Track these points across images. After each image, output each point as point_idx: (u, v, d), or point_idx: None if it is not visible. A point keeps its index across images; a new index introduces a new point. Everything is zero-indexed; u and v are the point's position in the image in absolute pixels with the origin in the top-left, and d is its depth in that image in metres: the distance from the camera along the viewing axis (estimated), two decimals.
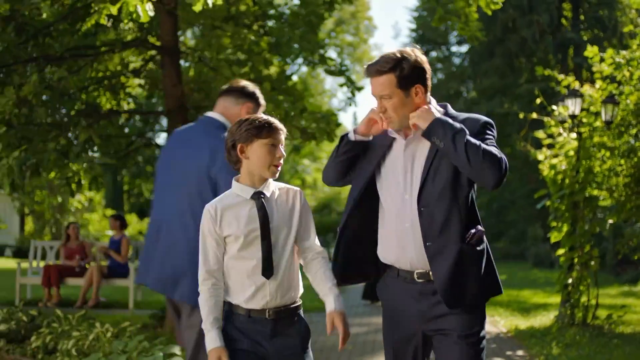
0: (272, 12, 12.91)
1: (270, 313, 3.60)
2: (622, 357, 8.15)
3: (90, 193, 30.88)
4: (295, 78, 17.85)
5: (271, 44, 12.36)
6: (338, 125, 11.90)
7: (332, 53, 45.38)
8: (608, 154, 11.59)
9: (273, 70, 12.40)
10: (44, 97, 8.74)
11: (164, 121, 14.11)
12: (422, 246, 3.55)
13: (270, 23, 12.87)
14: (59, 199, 25.85)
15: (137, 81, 12.02)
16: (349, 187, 6.13)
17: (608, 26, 30.86)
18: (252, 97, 4.87)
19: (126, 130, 12.63)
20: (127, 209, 44.00)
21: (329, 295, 3.72)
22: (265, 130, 3.58)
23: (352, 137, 3.74)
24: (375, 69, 3.58)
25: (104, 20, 6.27)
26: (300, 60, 16.01)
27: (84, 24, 7.40)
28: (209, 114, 4.92)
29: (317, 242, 3.86)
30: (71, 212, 31.52)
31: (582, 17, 33.11)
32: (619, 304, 13.21)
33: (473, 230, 3.62)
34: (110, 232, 30.27)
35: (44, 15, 6.26)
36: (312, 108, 12.21)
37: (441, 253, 3.53)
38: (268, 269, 3.58)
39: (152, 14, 5.99)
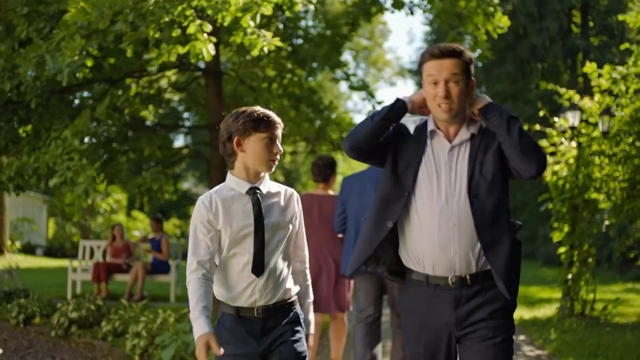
0: (299, 32, 14.12)
1: (259, 311, 3.56)
2: (609, 341, 9.31)
3: (118, 196, 32.23)
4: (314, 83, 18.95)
5: (297, 60, 13.58)
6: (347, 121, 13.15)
7: (346, 56, 46.21)
8: (607, 160, 12.73)
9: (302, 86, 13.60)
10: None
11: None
12: (468, 246, 3.50)
13: (298, 42, 14.09)
14: (89, 201, 27.14)
15: (176, 96, 13.30)
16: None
17: (616, 33, 31.82)
18: None
19: (177, 142, 13.87)
20: (148, 210, 45.18)
21: (309, 312, 3.84)
22: (264, 124, 3.52)
23: (409, 105, 3.65)
24: (449, 50, 3.53)
25: (172, 58, 7.56)
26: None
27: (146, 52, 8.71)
28: None
29: (305, 254, 3.85)
30: (100, 214, 32.76)
31: (591, 24, 34.11)
32: (617, 298, 14.33)
33: (519, 222, 3.67)
34: (137, 233, 31.65)
35: (128, 54, 7.47)
36: (337, 120, 13.42)
37: (497, 243, 3.51)
38: (258, 267, 3.54)
39: (213, 53, 7.26)
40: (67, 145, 8.30)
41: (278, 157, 3.58)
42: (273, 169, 3.60)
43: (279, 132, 3.58)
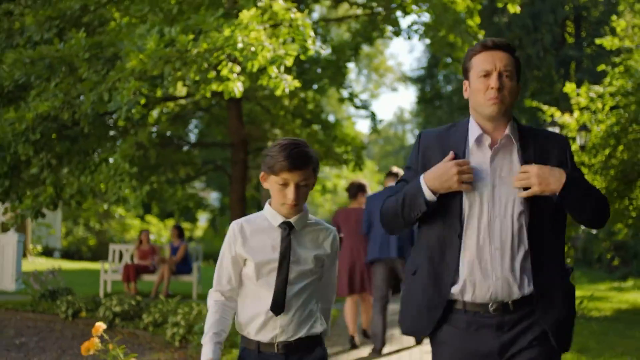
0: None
1: (279, 347, 3.38)
2: (577, 330, 10.82)
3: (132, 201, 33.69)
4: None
5: (305, 81, 15.12)
6: (363, 147, 14.71)
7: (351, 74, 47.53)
8: (586, 170, 14.24)
9: (310, 105, 15.18)
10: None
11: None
12: (507, 271, 3.21)
13: (306, 65, 15.65)
14: (105, 207, 28.66)
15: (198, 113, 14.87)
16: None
17: (620, 36, 33.27)
18: None
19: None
20: (156, 213, 46.67)
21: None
22: (278, 167, 3.30)
23: (430, 197, 3.28)
24: (502, 43, 3.33)
25: (208, 94, 9.13)
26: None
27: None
28: None
29: (331, 295, 3.67)
30: (115, 219, 34.28)
31: (583, 34, 35.62)
32: (600, 296, 15.85)
33: (569, 266, 3.44)
34: (152, 236, 33.15)
35: (170, 92, 9.07)
36: (341, 136, 14.99)
37: (551, 289, 3.27)
38: (279, 306, 3.35)
39: (242, 90, 8.83)
40: (118, 167, 9.91)
41: (292, 202, 3.33)
42: (291, 214, 3.39)
43: (297, 175, 3.30)
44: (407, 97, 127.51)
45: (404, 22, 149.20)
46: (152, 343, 10.00)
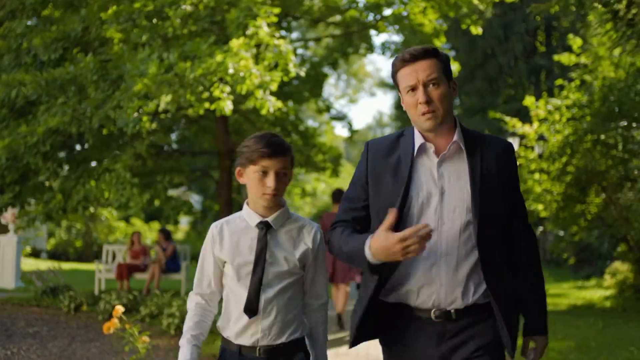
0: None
1: (261, 351, 3.34)
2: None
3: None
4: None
5: (285, 93, 16.35)
6: (340, 156, 16.00)
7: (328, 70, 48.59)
8: (545, 177, 15.52)
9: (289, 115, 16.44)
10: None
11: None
12: (452, 279, 3.17)
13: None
14: (92, 210, 29.77)
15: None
16: None
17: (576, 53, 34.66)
18: None
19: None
20: (140, 216, 47.61)
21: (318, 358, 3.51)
22: (256, 155, 3.28)
23: (374, 262, 3.11)
24: (420, 51, 3.22)
25: (201, 112, 10.36)
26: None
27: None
28: None
29: (322, 290, 3.54)
30: (102, 221, 35.31)
31: (554, 43, 37.02)
32: (560, 293, 17.13)
33: (519, 265, 3.38)
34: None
35: (171, 110, 10.32)
36: (319, 145, 16.25)
37: (499, 290, 3.20)
38: (251, 308, 3.31)
39: (231, 108, 10.08)
40: (119, 176, 11.16)
41: (272, 192, 3.30)
42: (271, 204, 3.36)
43: (277, 163, 3.29)
44: (386, 102, 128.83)
45: (378, 39, 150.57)
46: (150, 332, 11.16)
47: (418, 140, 3.29)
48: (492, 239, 3.20)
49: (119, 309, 6.90)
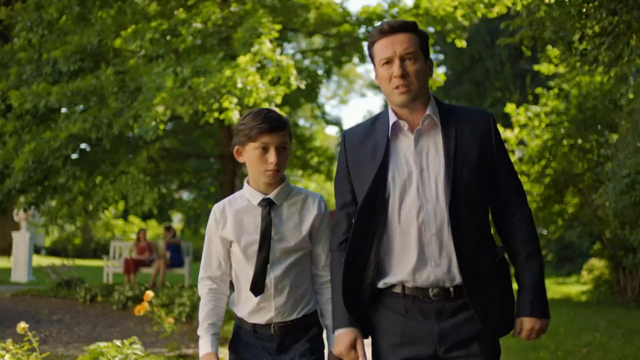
0: None
1: (275, 328, 3.33)
2: None
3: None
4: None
5: (283, 99, 17.48)
6: (334, 158, 17.17)
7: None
8: (525, 178, 16.63)
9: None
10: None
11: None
12: (450, 257, 3.09)
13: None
14: (90, 207, 30.85)
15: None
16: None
17: (554, 63, 35.86)
18: None
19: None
20: (140, 215, 48.60)
21: (332, 334, 3.38)
22: (255, 131, 3.23)
23: (333, 342, 3.31)
24: (400, 24, 3.15)
25: (211, 121, 11.48)
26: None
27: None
28: None
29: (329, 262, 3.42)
30: (101, 219, 36.33)
31: (539, 49, 38.16)
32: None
33: (500, 247, 3.27)
34: (134, 235, 35.29)
35: (185, 120, 11.50)
36: (314, 148, 17.40)
37: (478, 273, 3.11)
38: (257, 287, 3.30)
39: (238, 117, 11.20)
40: (134, 177, 12.32)
41: (274, 167, 3.27)
42: (274, 179, 3.33)
43: (276, 138, 3.26)
44: (376, 102, 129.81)
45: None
46: (161, 319, 12.30)
47: (392, 119, 3.22)
48: (469, 215, 3.12)
49: (149, 294, 8.02)
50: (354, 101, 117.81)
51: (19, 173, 12.66)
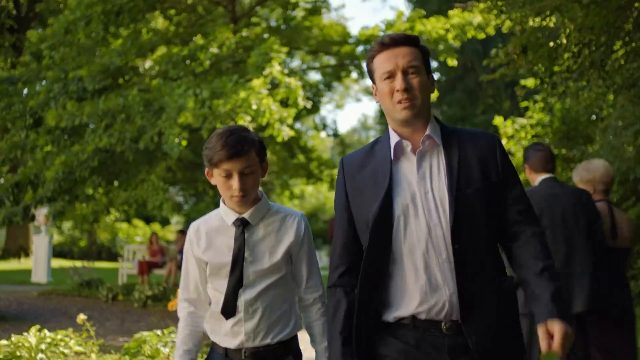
0: None
1: (246, 354, 3.21)
2: None
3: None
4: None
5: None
6: (335, 167, 18.50)
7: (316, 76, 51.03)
8: None
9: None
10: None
11: None
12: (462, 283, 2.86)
13: None
14: (113, 211, 32.22)
15: None
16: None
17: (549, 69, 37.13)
18: None
19: None
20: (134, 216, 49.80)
21: (322, 357, 3.28)
22: (217, 158, 3.09)
23: None
24: (402, 38, 3.01)
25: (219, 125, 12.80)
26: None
27: None
28: None
29: (316, 281, 3.35)
30: (106, 222, 37.51)
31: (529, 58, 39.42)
32: None
33: (509, 275, 3.03)
34: (139, 238, 36.51)
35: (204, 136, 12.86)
36: (317, 158, 18.73)
37: (481, 301, 2.89)
38: (228, 310, 3.19)
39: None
40: (154, 185, 13.68)
41: (238, 193, 3.13)
42: (240, 205, 3.21)
43: (237, 164, 3.10)
44: (371, 106, 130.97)
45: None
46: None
47: (394, 139, 3.05)
48: (474, 237, 2.91)
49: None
50: (350, 106, 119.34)
51: (50, 183, 13.95)
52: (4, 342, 6.28)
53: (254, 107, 11.90)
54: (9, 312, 13.04)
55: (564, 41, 8.02)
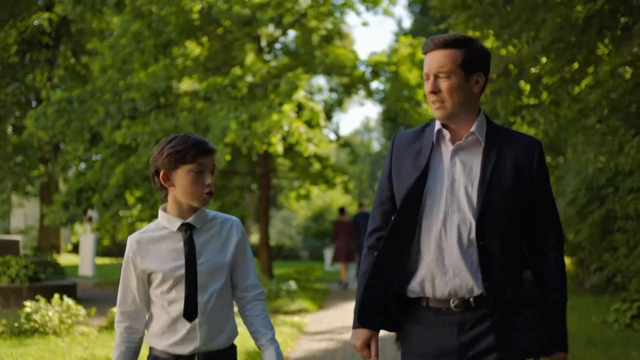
0: None
1: (200, 359, 3.22)
2: None
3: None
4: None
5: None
6: (345, 172, 21.18)
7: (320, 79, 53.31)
8: None
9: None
10: None
11: None
12: (466, 267, 3.05)
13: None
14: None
15: None
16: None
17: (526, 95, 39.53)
18: None
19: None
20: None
21: (269, 348, 3.31)
22: (190, 154, 3.12)
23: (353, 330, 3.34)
24: (440, 41, 3.10)
25: (261, 151, 15.41)
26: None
27: None
28: None
29: (255, 280, 3.42)
30: (128, 222, 39.79)
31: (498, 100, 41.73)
32: None
33: (529, 272, 3.16)
34: None
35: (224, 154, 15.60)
36: (331, 165, 21.34)
37: (504, 290, 3.06)
38: (191, 312, 3.18)
39: (281, 149, 15.14)
40: None
41: (210, 189, 3.19)
42: (207, 203, 3.24)
43: (210, 160, 3.18)
44: (374, 109, 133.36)
45: (373, 84, 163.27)
46: None
47: (437, 126, 3.20)
48: (496, 239, 3.06)
49: None
50: (353, 109, 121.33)
51: (112, 189, 16.61)
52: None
53: (285, 128, 14.62)
54: (94, 297, 15.42)
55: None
